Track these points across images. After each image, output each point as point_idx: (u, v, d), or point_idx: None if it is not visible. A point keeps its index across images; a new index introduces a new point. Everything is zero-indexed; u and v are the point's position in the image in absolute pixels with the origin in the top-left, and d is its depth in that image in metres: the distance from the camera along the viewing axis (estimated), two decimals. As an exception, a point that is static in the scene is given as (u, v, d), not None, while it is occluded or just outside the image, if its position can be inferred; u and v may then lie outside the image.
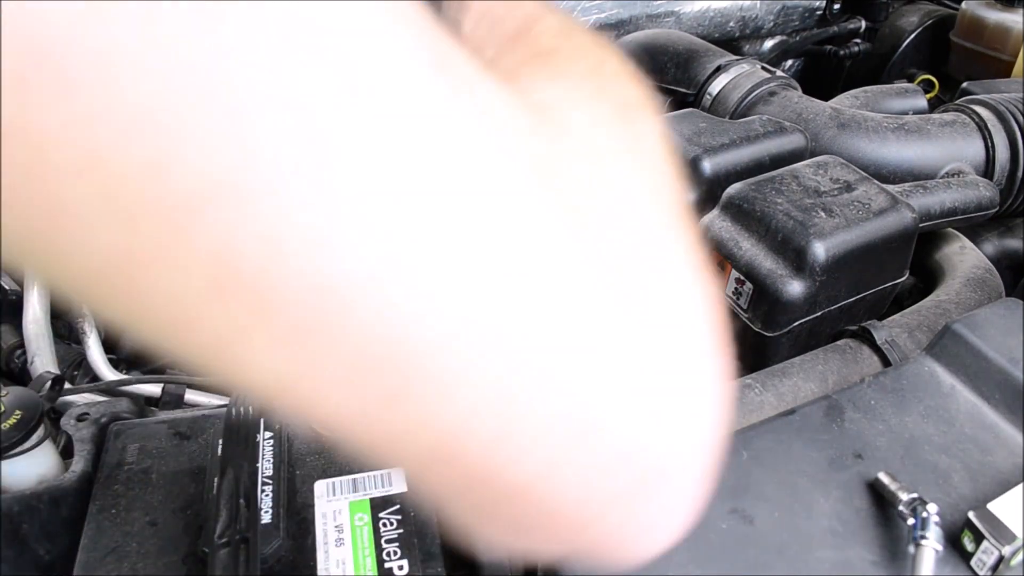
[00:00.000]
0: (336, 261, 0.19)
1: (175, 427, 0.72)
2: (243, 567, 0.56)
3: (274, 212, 0.18)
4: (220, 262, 0.18)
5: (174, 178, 0.17)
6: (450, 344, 0.21)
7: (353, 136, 0.19)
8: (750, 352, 0.95)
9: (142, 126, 0.17)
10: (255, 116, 0.17)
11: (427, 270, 0.20)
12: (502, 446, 0.23)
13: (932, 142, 1.10)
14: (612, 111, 0.30)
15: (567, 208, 0.24)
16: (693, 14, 1.68)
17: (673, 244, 0.30)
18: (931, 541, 0.54)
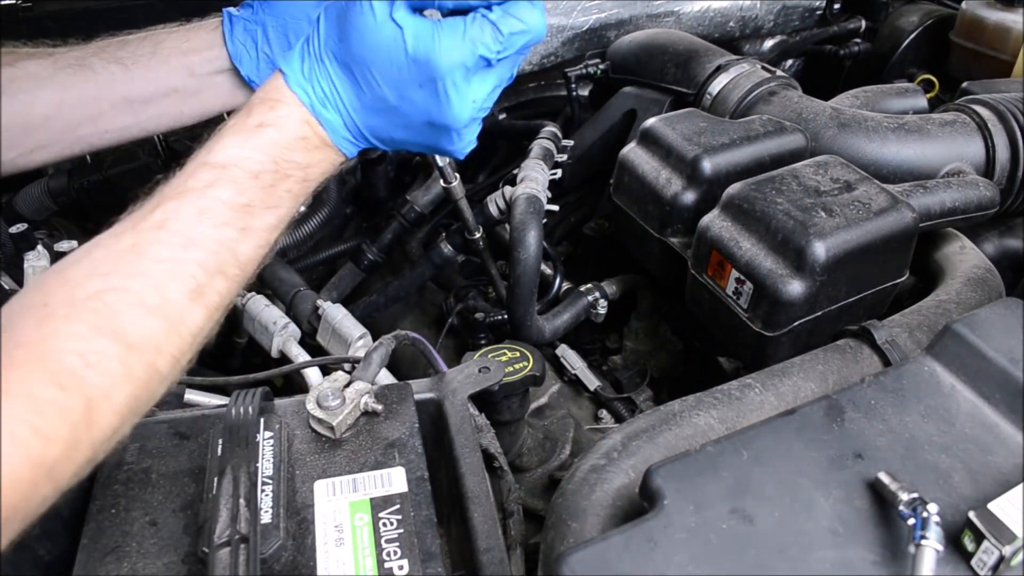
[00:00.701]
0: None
1: (175, 427, 0.72)
2: (243, 567, 0.56)
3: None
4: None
5: None
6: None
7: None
8: (750, 352, 0.95)
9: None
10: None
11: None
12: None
13: (932, 142, 1.10)
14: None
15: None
16: (693, 14, 1.68)
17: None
18: (931, 541, 0.54)
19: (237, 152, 0.61)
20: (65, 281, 0.54)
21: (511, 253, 1.04)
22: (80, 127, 0.85)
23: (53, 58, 0.83)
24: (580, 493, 0.68)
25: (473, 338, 1.21)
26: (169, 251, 0.57)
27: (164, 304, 0.56)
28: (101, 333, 0.52)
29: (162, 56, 0.87)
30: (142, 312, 0.54)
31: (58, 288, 0.54)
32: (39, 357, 0.50)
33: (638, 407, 1.14)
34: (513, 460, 0.98)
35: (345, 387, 0.72)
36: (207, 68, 0.88)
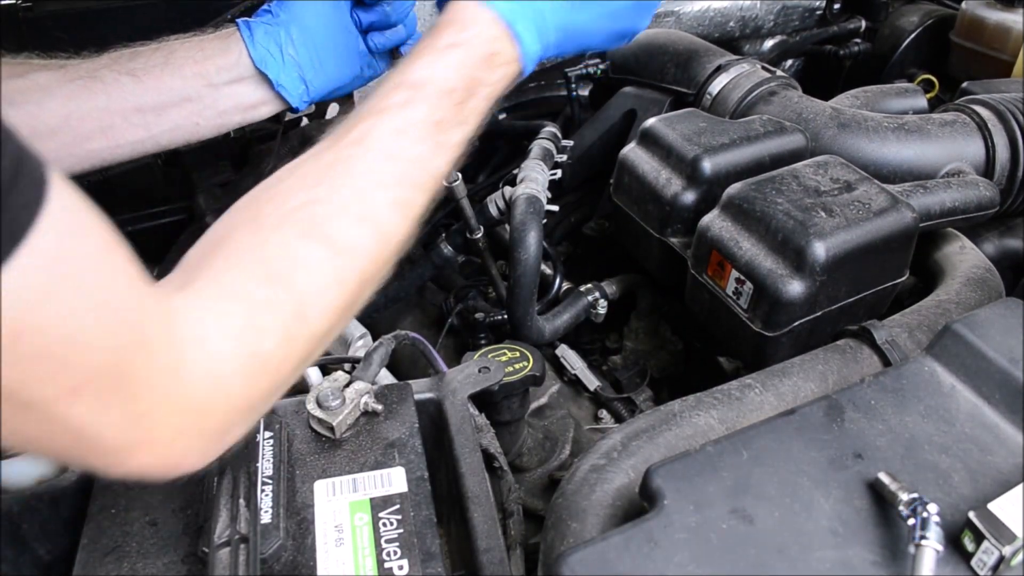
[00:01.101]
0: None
1: (175, 427, 0.72)
2: (243, 567, 0.56)
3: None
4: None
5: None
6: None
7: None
8: (750, 352, 0.95)
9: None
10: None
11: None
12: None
13: (932, 142, 1.10)
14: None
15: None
16: (693, 14, 1.68)
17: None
18: (931, 541, 0.54)
19: (430, 71, 0.64)
20: (273, 196, 0.58)
21: (511, 253, 1.04)
22: (90, 140, 0.85)
23: (64, 70, 0.83)
24: (580, 493, 0.68)
25: (473, 338, 1.21)
26: (370, 164, 0.60)
27: (370, 212, 0.59)
28: (311, 239, 0.56)
29: (175, 65, 0.86)
30: (349, 220, 0.58)
31: (267, 203, 0.58)
32: (252, 261, 0.54)
33: (638, 407, 1.14)
34: (513, 460, 0.98)
35: (345, 387, 0.72)
36: (224, 77, 0.88)
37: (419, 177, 0.62)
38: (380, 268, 0.61)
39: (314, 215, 0.56)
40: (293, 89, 0.90)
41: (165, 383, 0.46)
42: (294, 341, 0.54)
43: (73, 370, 0.41)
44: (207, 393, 0.49)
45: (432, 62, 0.64)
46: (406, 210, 0.62)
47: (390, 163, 0.60)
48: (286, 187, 0.59)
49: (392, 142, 0.61)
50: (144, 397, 0.45)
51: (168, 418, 0.47)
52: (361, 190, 0.59)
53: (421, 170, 0.62)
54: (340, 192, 0.58)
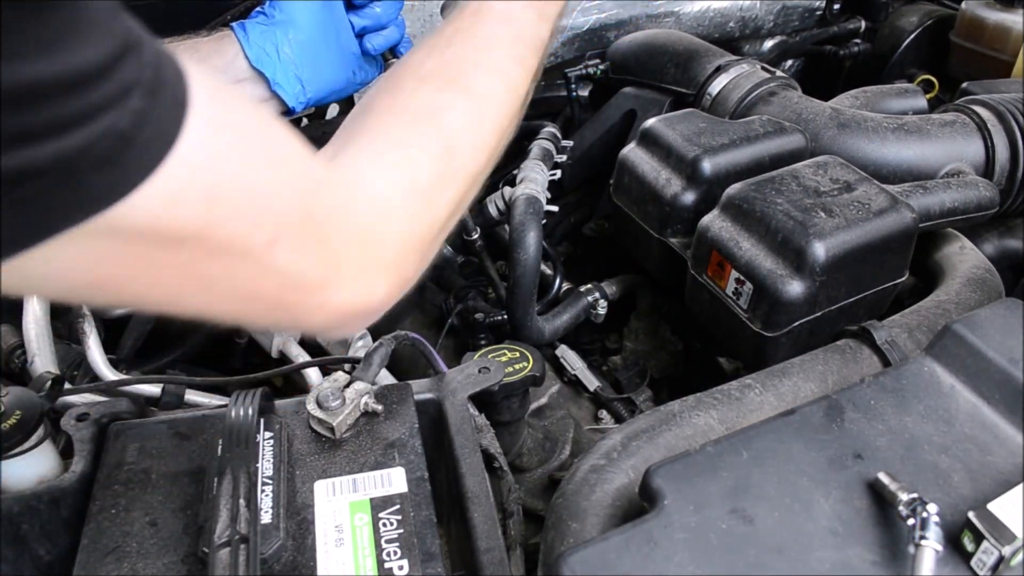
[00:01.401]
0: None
1: (175, 427, 0.72)
2: (243, 567, 0.56)
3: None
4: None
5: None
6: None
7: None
8: (750, 352, 0.95)
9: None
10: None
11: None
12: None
13: (932, 142, 1.10)
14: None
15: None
16: (693, 14, 1.68)
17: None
18: (931, 541, 0.54)
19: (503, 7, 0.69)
20: (407, 65, 0.64)
21: (510, 254, 1.04)
22: None
23: None
24: (580, 493, 0.68)
25: (473, 338, 1.21)
26: (490, 28, 0.66)
27: (496, 66, 0.65)
28: (450, 88, 0.61)
29: None
30: (480, 72, 0.63)
31: (402, 72, 0.63)
32: (399, 113, 0.59)
33: (638, 407, 1.14)
34: (513, 460, 0.98)
35: (345, 387, 0.72)
36: (219, 79, 0.88)
37: (529, 37, 0.68)
38: (511, 118, 0.66)
39: (448, 71, 0.62)
40: (290, 88, 0.90)
41: (343, 222, 0.51)
42: (447, 176, 0.59)
43: (267, 221, 0.45)
44: (378, 226, 0.53)
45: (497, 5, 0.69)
46: (524, 65, 0.67)
47: (505, 25, 0.66)
48: (417, 57, 0.64)
49: (503, 8, 0.67)
50: (331, 238, 0.50)
51: (352, 253, 0.52)
52: (486, 48, 0.65)
53: (529, 34, 0.68)
54: (467, 52, 0.64)
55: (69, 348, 1.08)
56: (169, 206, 0.39)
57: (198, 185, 0.40)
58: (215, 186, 0.42)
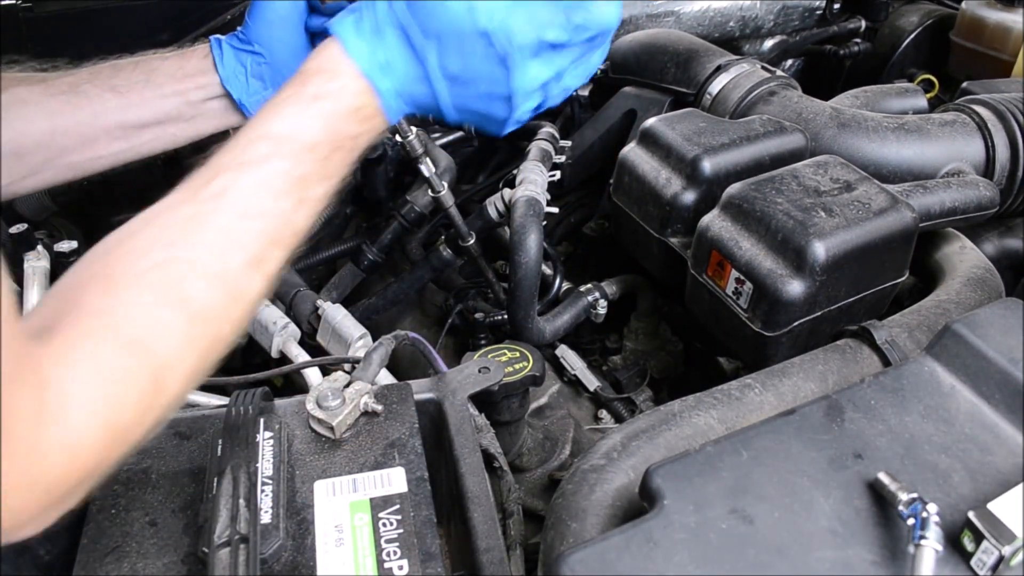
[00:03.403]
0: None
1: (175, 427, 0.72)
2: (243, 567, 0.56)
3: None
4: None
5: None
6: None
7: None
8: (750, 352, 0.95)
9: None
10: None
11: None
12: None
13: (932, 142, 1.10)
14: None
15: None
16: (693, 14, 1.68)
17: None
18: (931, 541, 0.54)
19: (294, 124, 0.62)
20: (128, 251, 0.56)
21: (511, 257, 1.04)
22: (72, 153, 0.85)
23: (45, 84, 0.83)
24: (580, 493, 0.68)
25: (473, 338, 1.21)
26: (229, 220, 0.58)
27: (226, 273, 0.58)
28: (167, 303, 0.54)
29: (156, 83, 0.87)
30: (205, 282, 0.57)
31: (121, 258, 0.56)
32: (107, 326, 0.52)
33: (638, 407, 1.14)
34: (513, 460, 0.98)
35: (345, 387, 0.72)
36: (200, 95, 0.89)
37: (279, 234, 0.61)
38: (232, 329, 0.59)
39: (169, 276, 0.55)
40: (256, 108, 0.90)
41: (23, 456, 0.45)
42: (150, 410, 0.53)
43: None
44: (61, 467, 0.48)
45: (297, 113, 0.62)
46: (263, 268, 0.60)
47: (248, 220, 0.59)
48: (141, 244, 0.57)
49: (251, 199, 0.59)
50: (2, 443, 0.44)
51: (18, 488, 0.46)
52: (217, 250, 0.57)
53: (281, 226, 0.61)
54: (195, 251, 0.57)
55: (69, 348, 1.07)
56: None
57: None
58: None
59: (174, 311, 0.55)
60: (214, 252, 0.57)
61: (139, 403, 0.52)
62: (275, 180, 0.60)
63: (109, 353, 0.51)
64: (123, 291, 0.54)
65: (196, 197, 0.59)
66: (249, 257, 0.59)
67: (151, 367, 0.53)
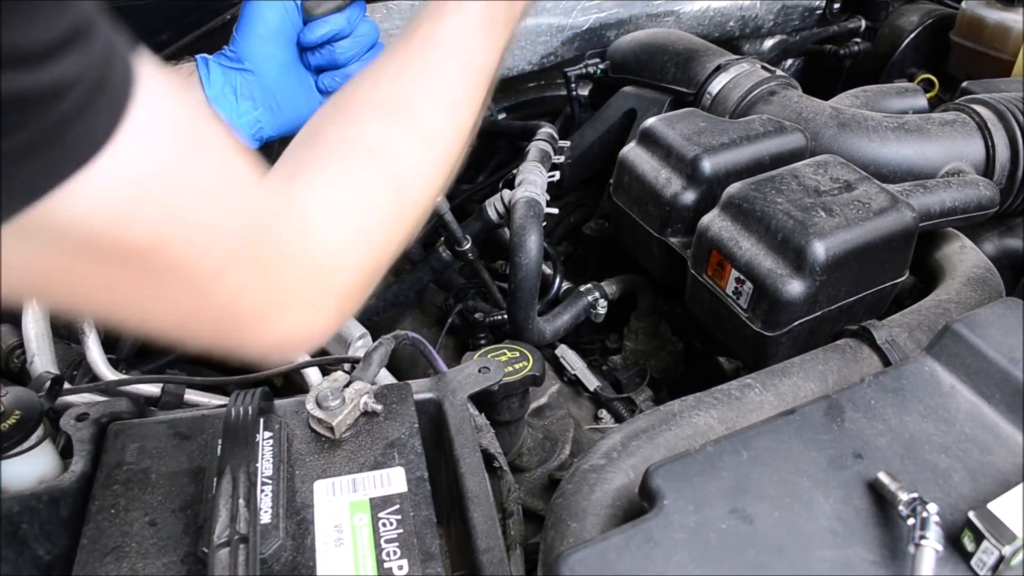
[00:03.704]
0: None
1: (175, 427, 0.72)
2: (243, 567, 0.56)
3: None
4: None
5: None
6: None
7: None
8: (750, 352, 0.95)
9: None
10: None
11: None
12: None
13: (932, 141, 1.10)
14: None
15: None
16: (693, 14, 1.68)
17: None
18: (931, 541, 0.54)
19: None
20: (358, 89, 0.63)
21: (511, 258, 1.04)
22: None
23: None
24: (580, 493, 0.68)
25: (473, 338, 1.21)
26: (440, 59, 0.64)
27: (446, 101, 0.64)
28: (403, 122, 0.61)
29: None
30: (430, 108, 0.62)
31: (353, 96, 0.63)
32: (351, 149, 0.58)
33: (638, 407, 1.14)
34: (513, 460, 0.98)
35: (345, 387, 0.72)
36: None
37: (481, 67, 0.66)
38: (458, 154, 0.65)
39: (399, 104, 0.61)
40: (246, 129, 0.89)
41: (292, 259, 0.51)
42: (396, 216, 0.59)
43: (217, 248, 0.45)
44: (327, 266, 0.54)
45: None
46: (473, 98, 0.66)
47: (455, 55, 0.64)
48: (366, 85, 0.63)
49: (455, 37, 0.65)
50: (280, 273, 0.50)
51: (299, 290, 0.52)
52: (436, 81, 0.63)
53: (481, 63, 0.66)
54: (417, 85, 0.62)
55: (69, 348, 1.08)
56: (118, 217, 0.39)
57: (141, 195, 0.39)
58: (160, 202, 0.41)
59: (408, 129, 0.61)
60: (433, 82, 0.63)
61: (385, 208, 0.58)
62: (471, 20, 0.66)
63: (353, 170, 0.57)
64: (356, 119, 0.60)
65: (408, 45, 0.64)
66: (461, 88, 0.65)
67: (392, 175, 0.59)
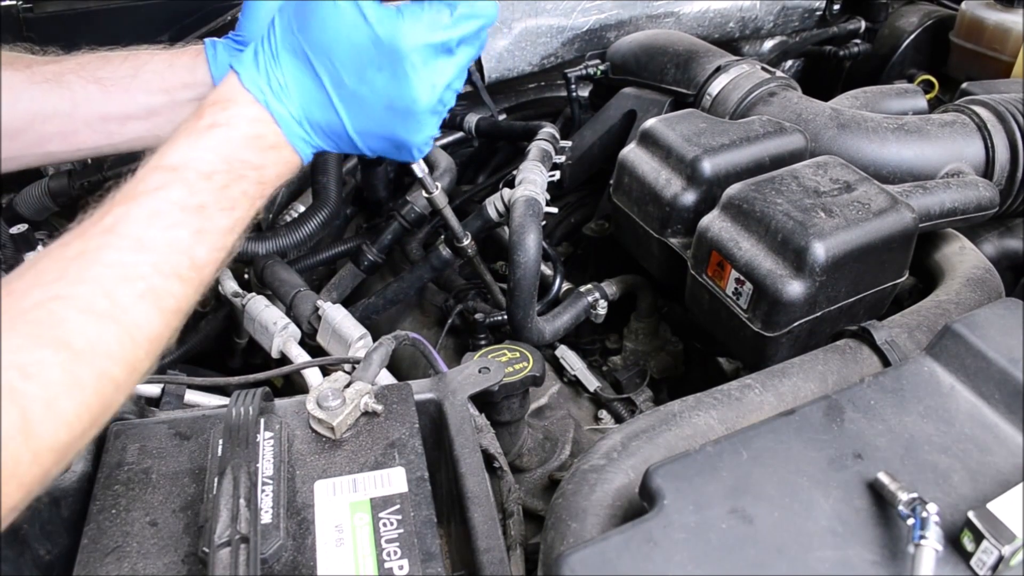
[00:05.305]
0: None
1: (175, 427, 0.72)
2: (243, 567, 0.56)
3: None
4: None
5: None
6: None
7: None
8: (750, 352, 0.95)
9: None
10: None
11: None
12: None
13: (932, 142, 1.10)
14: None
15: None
16: (693, 14, 1.68)
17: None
18: (931, 541, 0.54)
19: (188, 153, 0.61)
20: (8, 294, 0.53)
21: (511, 257, 1.04)
22: (51, 142, 0.83)
23: (31, 70, 0.81)
24: (580, 493, 0.68)
25: (473, 338, 1.21)
26: (118, 255, 0.56)
27: (114, 308, 0.54)
28: (42, 343, 0.51)
29: (143, 79, 0.85)
30: (90, 318, 0.53)
31: (3, 300, 0.52)
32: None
33: (638, 407, 1.14)
34: (513, 460, 0.98)
35: (345, 387, 0.72)
36: (188, 94, 0.86)
37: (177, 266, 0.58)
38: (131, 367, 0.56)
39: (49, 315, 0.52)
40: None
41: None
42: (19, 460, 0.48)
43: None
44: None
45: (190, 144, 0.61)
46: (160, 302, 0.57)
47: (142, 252, 0.56)
48: (24, 283, 0.53)
49: (144, 229, 0.57)
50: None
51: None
52: (105, 285, 0.54)
53: (179, 258, 0.58)
54: (82, 287, 0.54)
55: (69, 348, 1.07)
56: None
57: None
58: None
59: (51, 351, 0.51)
60: (101, 288, 0.54)
61: (4, 450, 0.47)
62: (168, 210, 0.58)
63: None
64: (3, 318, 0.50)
65: (85, 234, 0.57)
66: (140, 291, 0.56)
67: (19, 411, 0.48)
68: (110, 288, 0.55)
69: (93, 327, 0.53)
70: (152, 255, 0.57)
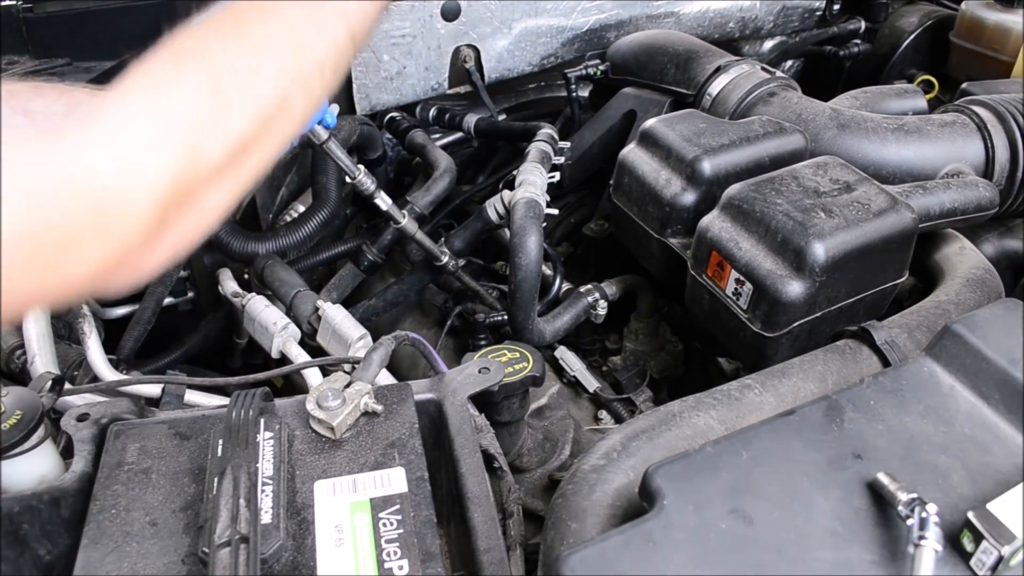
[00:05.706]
0: None
1: (175, 427, 0.72)
2: (243, 567, 0.56)
3: None
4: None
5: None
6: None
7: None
8: (750, 352, 0.95)
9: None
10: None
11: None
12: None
13: (932, 143, 1.10)
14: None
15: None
16: (693, 15, 1.68)
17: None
18: (931, 541, 0.54)
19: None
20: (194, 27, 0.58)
21: (511, 259, 1.04)
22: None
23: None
24: (580, 493, 0.68)
25: (473, 339, 1.21)
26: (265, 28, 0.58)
27: (283, 21, 0.58)
28: (227, 31, 0.57)
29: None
30: (262, 23, 0.57)
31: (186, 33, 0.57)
32: (160, 53, 0.54)
33: (638, 408, 1.14)
34: (513, 461, 0.98)
35: (345, 388, 0.72)
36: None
37: (330, 7, 0.60)
38: (297, 77, 0.58)
39: (224, 21, 0.57)
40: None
41: (75, 199, 0.46)
42: (212, 115, 0.52)
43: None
44: (123, 183, 0.48)
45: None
46: (322, 30, 0.60)
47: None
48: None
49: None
50: (66, 219, 0.45)
51: (90, 219, 0.46)
52: (271, 8, 0.58)
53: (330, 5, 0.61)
54: (248, 13, 0.58)
55: (69, 348, 1.08)
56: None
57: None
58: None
59: (231, 36, 0.56)
60: (266, 10, 0.58)
61: (198, 102, 0.52)
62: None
63: (156, 65, 0.53)
64: (185, 43, 0.56)
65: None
66: (306, 18, 0.59)
67: (208, 71, 0.54)
68: (274, 11, 0.58)
69: (265, 28, 0.57)
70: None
